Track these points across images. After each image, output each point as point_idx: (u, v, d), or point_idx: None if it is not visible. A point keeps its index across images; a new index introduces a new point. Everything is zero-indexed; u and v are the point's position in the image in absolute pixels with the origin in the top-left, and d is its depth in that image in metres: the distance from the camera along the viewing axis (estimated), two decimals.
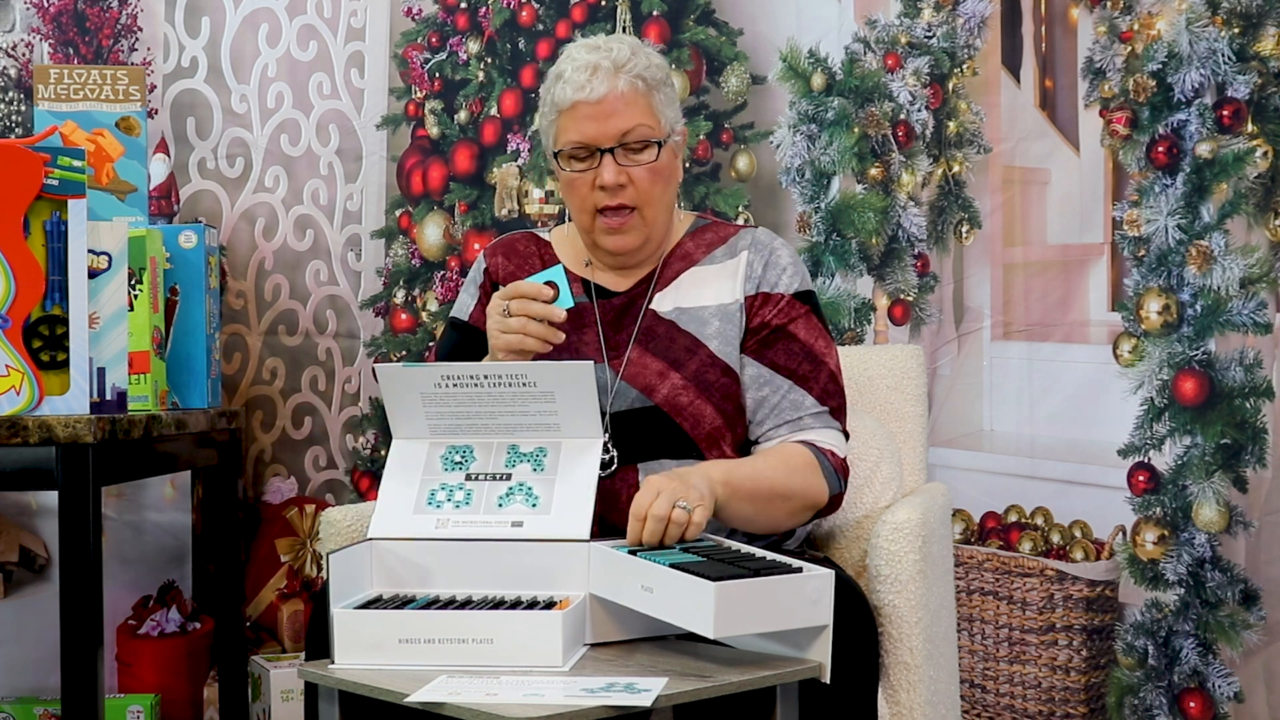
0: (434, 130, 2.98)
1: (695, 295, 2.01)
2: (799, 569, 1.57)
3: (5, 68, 2.94)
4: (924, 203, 2.81)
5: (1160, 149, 2.66)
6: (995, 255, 2.81)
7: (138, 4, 2.96)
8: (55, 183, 2.05)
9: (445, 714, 1.42)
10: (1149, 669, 2.68)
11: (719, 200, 2.85)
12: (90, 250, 2.10)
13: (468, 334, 2.07)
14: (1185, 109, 2.64)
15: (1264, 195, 2.63)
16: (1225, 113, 2.62)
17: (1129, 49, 2.69)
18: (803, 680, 1.58)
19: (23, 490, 2.83)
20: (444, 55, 2.99)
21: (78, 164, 2.06)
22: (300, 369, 2.98)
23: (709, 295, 2.01)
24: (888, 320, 2.82)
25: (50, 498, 2.64)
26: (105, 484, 2.18)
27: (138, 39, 2.96)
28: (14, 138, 2.90)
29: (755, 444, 1.98)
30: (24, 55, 2.94)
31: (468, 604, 1.64)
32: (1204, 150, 2.63)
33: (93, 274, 2.11)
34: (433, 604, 1.63)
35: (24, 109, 2.93)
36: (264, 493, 2.97)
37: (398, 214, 3.00)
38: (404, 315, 2.99)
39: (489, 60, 2.97)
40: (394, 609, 1.60)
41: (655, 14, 2.87)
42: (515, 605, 1.63)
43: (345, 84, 2.99)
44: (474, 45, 2.97)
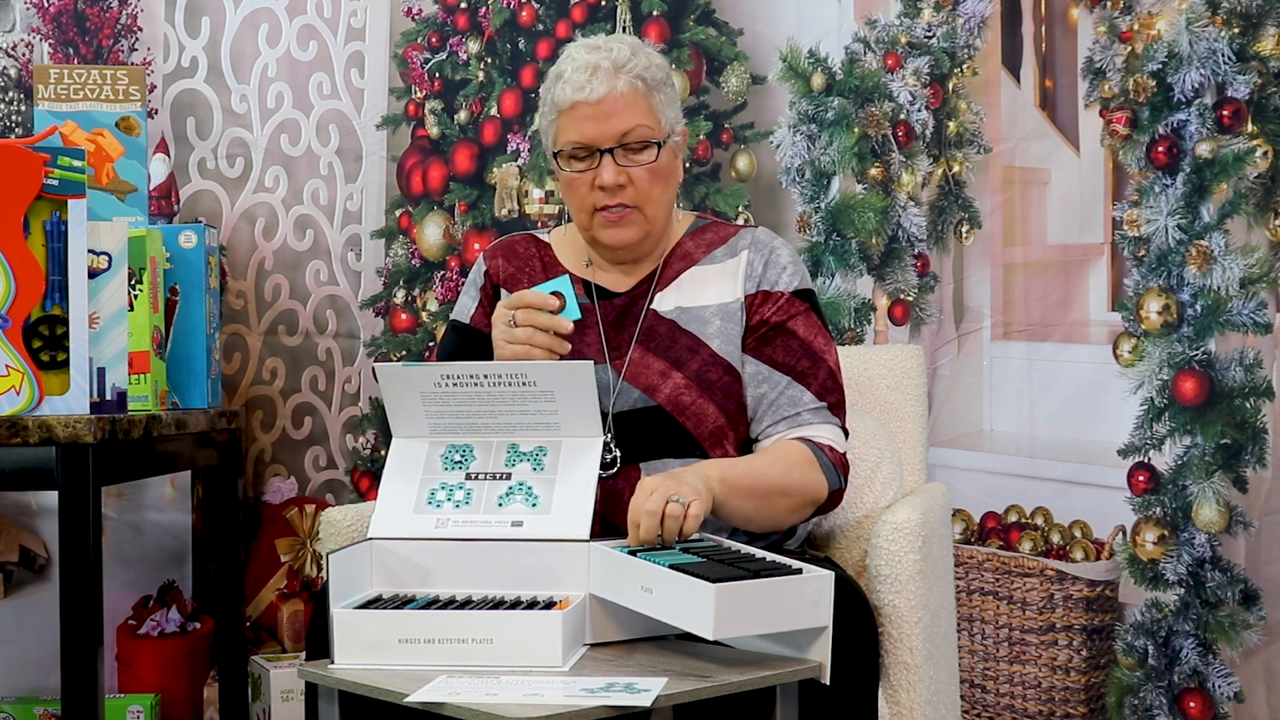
0: (434, 130, 2.98)
1: (696, 295, 2.01)
2: (799, 570, 1.57)
3: (5, 68, 2.94)
4: (924, 203, 2.81)
5: (1160, 149, 2.66)
6: (995, 255, 2.81)
7: (138, 4, 2.96)
8: (55, 183, 2.05)
9: (445, 714, 1.42)
10: (1149, 669, 2.68)
11: (719, 200, 2.85)
12: (90, 250, 2.10)
13: (469, 336, 2.07)
14: (1185, 109, 2.64)
15: (1264, 195, 2.63)
16: (1225, 113, 2.62)
17: (1129, 49, 2.69)
18: (803, 680, 1.58)
19: (23, 490, 2.83)
20: (444, 55, 2.98)
21: (78, 164, 2.06)
22: (300, 369, 2.98)
23: (710, 295, 2.01)
24: (888, 320, 2.82)
25: (50, 498, 2.64)
26: (105, 484, 2.18)
27: (138, 39, 2.96)
28: (14, 138, 2.90)
29: (755, 441, 1.98)
30: (24, 55, 2.94)
31: (468, 604, 1.64)
32: (1204, 150, 2.63)
33: (93, 274, 2.11)
34: (433, 604, 1.63)
35: (24, 109, 2.93)
36: (264, 493, 2.96)
37: (398, 214, 2.99)
38: (404, 315, 2.99)
39: (489, 60, 2.97)
40: (394, 609, 1.60)
41: (655, 14, 2.87)
42: (515, 605, 1.63)
43: (345, 84, 2.99)
44: (474, 45, 2.97)
